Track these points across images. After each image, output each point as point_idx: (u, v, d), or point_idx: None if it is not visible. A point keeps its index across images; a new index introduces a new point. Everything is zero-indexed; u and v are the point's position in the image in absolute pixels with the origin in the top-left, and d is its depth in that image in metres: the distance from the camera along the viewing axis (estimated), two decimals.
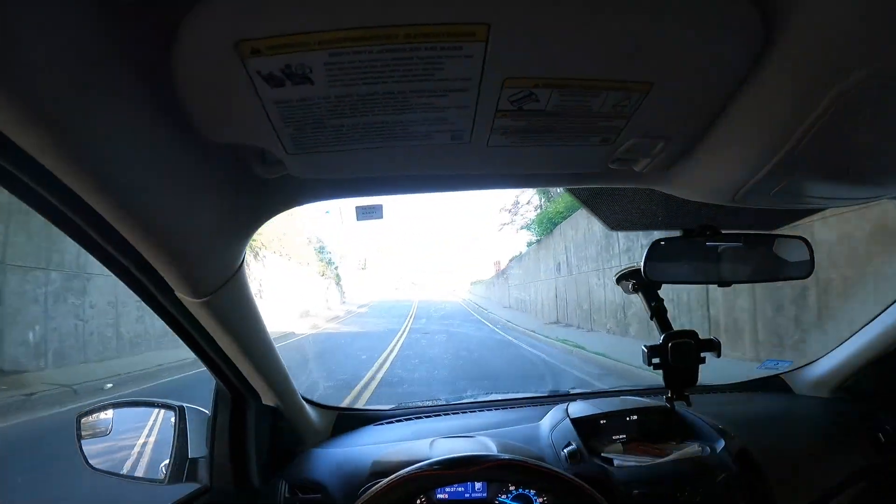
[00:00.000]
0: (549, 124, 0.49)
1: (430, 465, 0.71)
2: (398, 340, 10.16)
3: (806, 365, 1.41)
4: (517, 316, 16.08)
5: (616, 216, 0.87)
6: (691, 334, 0.92)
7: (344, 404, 1.35)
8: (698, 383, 0.96)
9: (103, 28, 0.35)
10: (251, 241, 0.72)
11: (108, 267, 0.59)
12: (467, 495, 0.91)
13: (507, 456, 0.73)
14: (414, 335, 11.33)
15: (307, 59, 0.37)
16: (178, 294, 0.65)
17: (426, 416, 1.26)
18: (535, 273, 15.87)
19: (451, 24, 0.36)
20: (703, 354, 0.92)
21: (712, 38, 0.40)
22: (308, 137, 0.48)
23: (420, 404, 1.36)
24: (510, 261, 23.04)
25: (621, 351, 6.50)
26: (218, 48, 0.36)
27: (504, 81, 0.42)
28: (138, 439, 1.06)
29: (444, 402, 1.37)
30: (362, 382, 5.95)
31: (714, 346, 0.91)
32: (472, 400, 1.38)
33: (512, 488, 0.91)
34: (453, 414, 1.28)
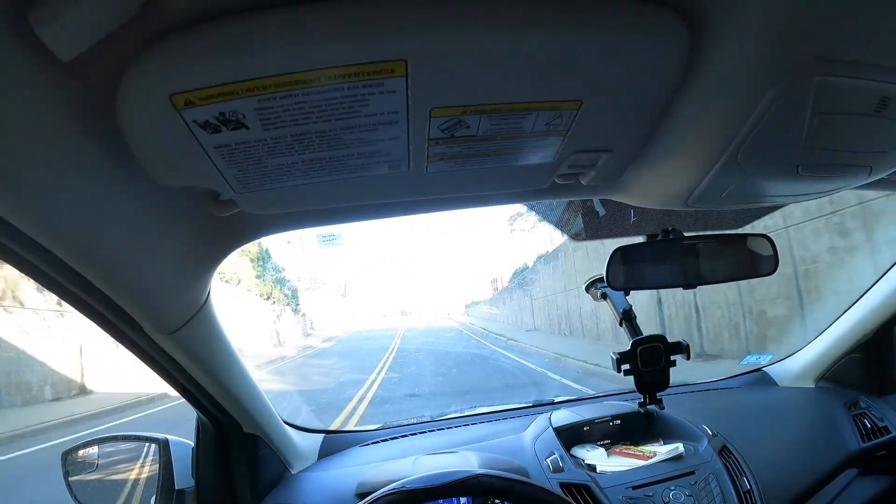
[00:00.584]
0: (485, 148, 0.50)
1: (404, 484, 0.71)
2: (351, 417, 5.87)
3: (787, 357, 1.42)
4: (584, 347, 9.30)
5: (578, 226, 0.88)
6: (660, 339, 0.93)
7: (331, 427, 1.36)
8: (683, 382, 0.97)
9: (48, 87, 0.36)
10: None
11: (74, 306, 0.60)
12: None
13: (481, 471, 0.73)
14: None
15: (238, 106, 0.39)
16: (147, 331, 0.66)
17: (412, 434, 1.26)
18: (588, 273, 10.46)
19: (369, 62, 0.37)
20: (672, 357, 0.93)
21: (637, 49, 0.40)
22: (252, 177, 0.49)
23: (405, 422, 1.36)
24: (534, 261, 18.02)
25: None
26: (155, 101, 0.37)
27: (431, 111, 0.43)
28: (125, 473, 1.07)
29: (430, 419, 1.37)
30: None
31: (683, 349, 0.93)
32: (457, 414, 1.39)
33: (496, 502, 0.92)
34: (438, 430, 1.28)
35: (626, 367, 0.92)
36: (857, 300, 1.28)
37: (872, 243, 4.10)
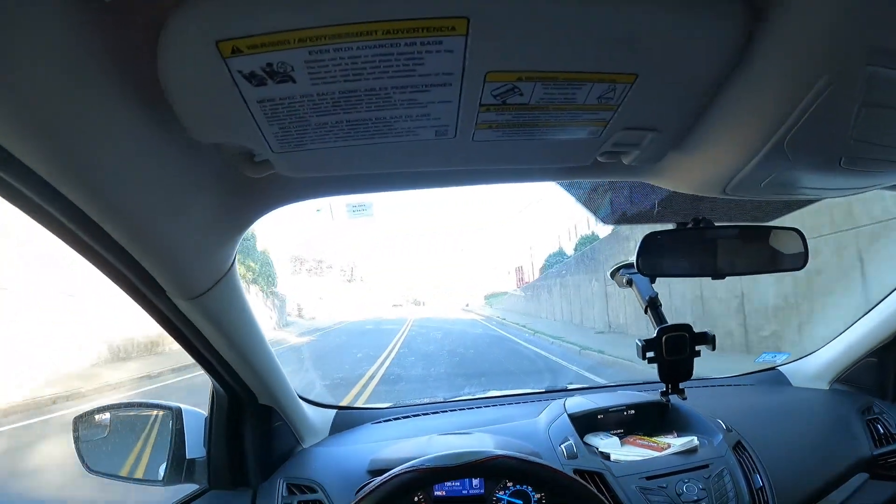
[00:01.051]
0: (535, 118, 0.49)
1: (423, 462, 0.71)
2: None
3: (803, 357, 1.41)
4: None
5: (608, 210, 0.87)
6: (686, 328, 0.92)
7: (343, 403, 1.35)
8: (696, 376, 0.96)
9: (87, 30, 0.35)
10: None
11: (98, 268, 0.59)
12: (465, 492, 0.91)
13: (500, 451, 0.72)
14: None
15: (287, 57, 0.37)
16: (170, 295, 0.65)
17: (424, 414, 1.26)
18: None
19: (430, 18, 0.35)
20: (697, 348, 0.92)
21: (697, 27, 0.39)
22: (293, 136, 0.47)
23: (418, 402, 1.36)
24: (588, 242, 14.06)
25: None
26: (200, 48, 0.36)
27: (486, 75, 0.42)
28: (136, 441, 1.07)
29: (442, 400, 1.37)
30: None
31: (709, 340, 0.91)
32: (469, 396, 1.39)
33: (510, 484, 0.91)
34: (451, 411, 1.28)
35: (650, 354, 0.92)
36: (877, 304, 1.26)
37: None
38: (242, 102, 0.42)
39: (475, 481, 0.91)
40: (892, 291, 1.23)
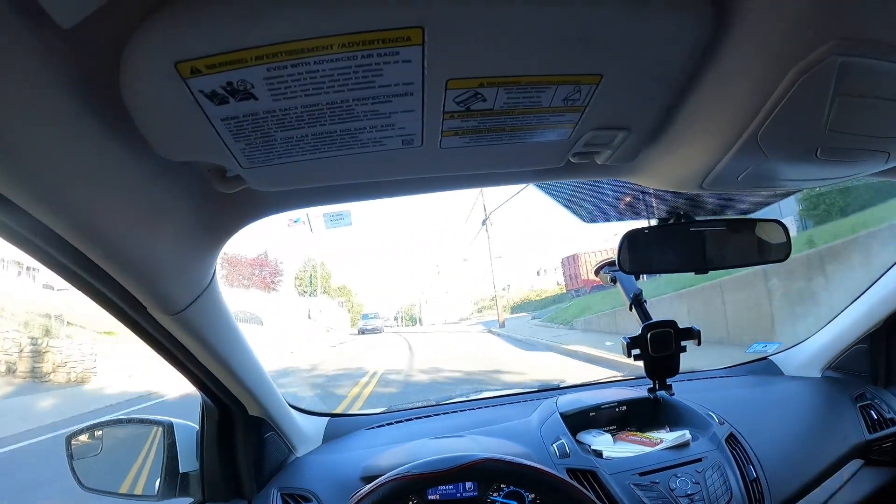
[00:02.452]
0: (501, 122, 0.49)
1: (410, 468, 0.71)
2: None
3: (794, 346, 1.41)
4: None
5: (590, 209, 0.87)
6: (671, 324, 0.92)
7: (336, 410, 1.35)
8: (689, 369, 0.96)
9: (49, 55, 0.35)
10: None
11: (77, 288, 0.59)
12: (458, 495, 0.92)
13: (486, 454, 0.73)
14: None
15: (246, 74, 0.38)
16: (151, 312, 0.65)
17: (417, 418, 1.26)
18: None
19: (384, 30, 0.35)
20: (683, 343, 0.93)
21: (660, 25, 0.39)
22: (260, 152, 0.48)
23: (411, 406, 1.36)
24: None
25: None
26: (159, 70, 0.36)
27: (447, 83, 0.42)
28: (129, 457, 1.07)
29: (435, 403, 1.37)
30: None
31: (694, 335, 0.92)
32: (462, 399, 1.39)
33: (503, 486, 0.91)
34: (444, 414, 1.28)
35: (636, 352, 0.92)
36: (866, 290, 1.27)
37: None
38: (206, 121, 0.42)
39: (468, 484, 0.91)
40: (880, 277, 1.23)
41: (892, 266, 1.20)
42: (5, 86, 0.33)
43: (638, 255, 0.83)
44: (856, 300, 1.28)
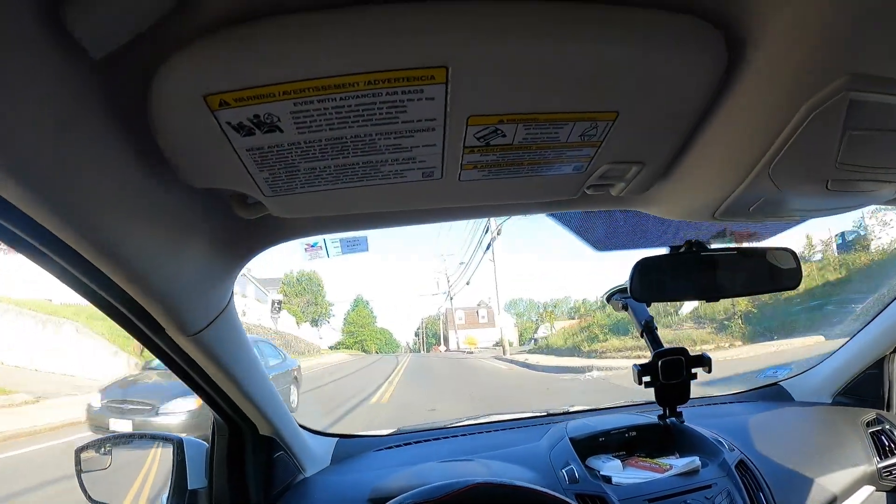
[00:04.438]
0: (519, 157, 0.50)
1: (408, 497, 0.71)
2: None
3: (805, 371, 1.40)
4: None
5: (600, 236, 0.88)
6: (681, 351, 0.92)
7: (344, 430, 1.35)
8: (699, 395, 0.96)
9: (79, 86, 0.36)
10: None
11: (99, 308, 0.60)
12: None
13: (480, 479, 0.72)
14: None
15: (273, 108, 0.39)
16: (169, 332, 0.66)
17: (426, 441, 1.26)
18: None
19: (410, 69, 0.37)
20: (693, 370, 0.92)
21: (674, 64, 0.40)
22: (283, 181, 0.49)
23: (420, 427, 1.36)
24: None
25: None
26: (188, 101, 0.37)
27: (468, 119, 0.43)
28: (139, 472, 1.07)
29: (444, 426, 1.36)
30: None
31: (705, 362, 0.92)
32: (471, 422, 1.38)
33: None
34: (453, 437, 1.27)
35: (646, 378, 0.92)
36: (876, 316, 1.26)
37: None
38: (232, 151, 0.43)
39: None
40: (891, 302, 1.23)
41: None
42: (39, 113, 0.35)
43: (649, 283, 0.84)
44: (866, 326, 1.28)
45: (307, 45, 0.35)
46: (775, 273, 0.90)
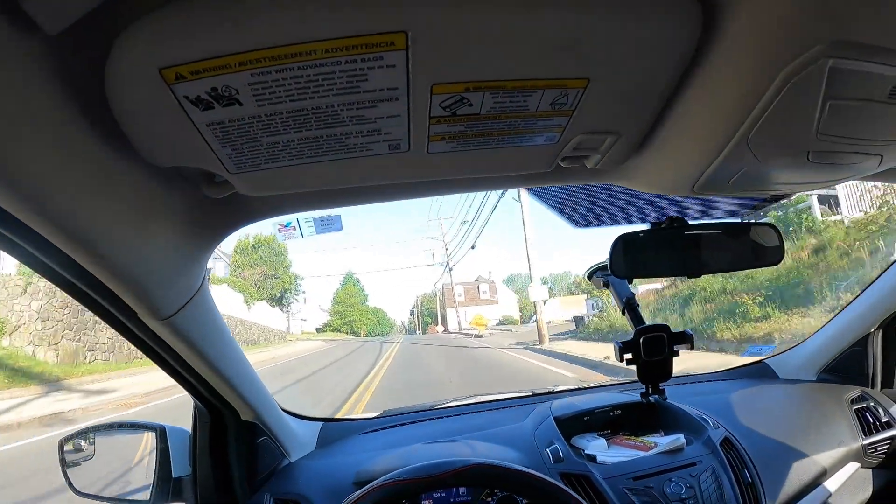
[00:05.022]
0: (488, 127, 0.49)
1: (398, 474, 0.71)
2: None
3: (789, 349, 1.41)
4: None
5: (581, 213, 0.87)
6: (663, 328, 0.92)
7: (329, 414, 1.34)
8: (685, 373, 0.96)
9: (35, 62, 0.35)
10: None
11: (66, 291, 0.59)
12: (451, 500, 0.91)
13: (475, 459, 0.72)
14: None
15: (230, 80, 0.38)
16: (141, 316, 0.65)
17: (411, 423, 1.26)
18: None
19: (367, 35, 0.35)
20: (676, 347, 0.92)
21: (648, 29, 0.39)
22: (247, 157, 0.47)
23: (405, 410, 1.36)
24: None
25: None
26: (144, 76, 0.36)
27: (432, 87, 0.42)
28: (122, 461, 1.06)
29: (429, 407, 1.37)
30: None
31: (687, 339, 0.92)
32: (456, 403, 1.38)
33: (496, 491, 0.91)
34: (438, 419, 1.27)
35: (628, 356, 0.92)
36: (861, 293, 1.27)
37: None
38: (192, 126, 0.42)
39: (461, 490, 0.91)
40: (875, 280, 1.23)
41: (887, 269, 1.20)
42: None
43: (631, 259, 0.83)
44: (850, 303, 1.28)
45: (261, 13, 0.34)
46: (758, 249, 0.90)
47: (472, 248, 25.10)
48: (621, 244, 0.81)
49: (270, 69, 0.37)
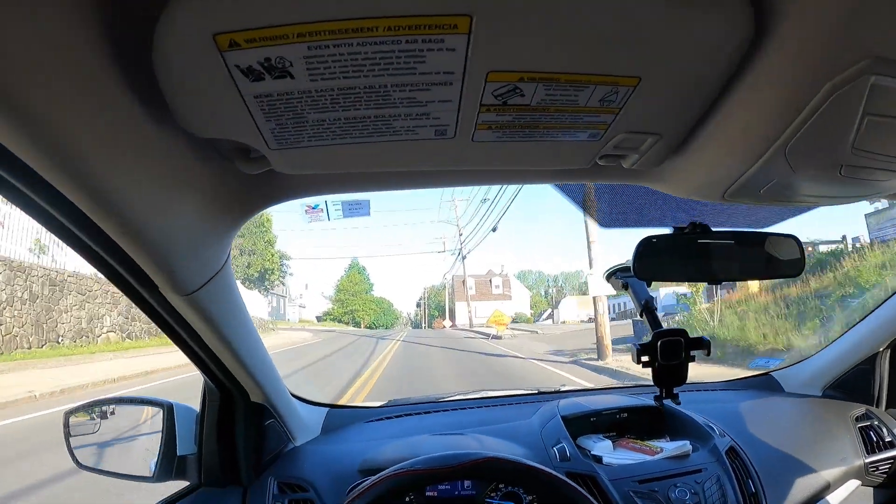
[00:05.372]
0: (535, 119, 0.49)
1: (414, 464, 0.71)
2: None
3: (797, 363, 1.42)
4: None
5: (607, 214, 0.87)
6: (681, 332, 0.92)
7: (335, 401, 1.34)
8: (692, 380, 0.96)
9: (81, 23, 0.34)
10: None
11: (88, 261, 0.58)
12: (456, 493, 0.91)
13: (490, 453, 0.72)
14: None
15: (286, 52, 0.37)
16: (163, 291, 0.65)
17: (416, 414, 1.26)
18: None
19: (432, 15, 0.35)
20: (692, 353, 0.93)
21: (701, 30, 0.39)
22: (290, 133, 0.47)
23: (411, 401, 1.36)
24: None
25: None
26: (196, 41, 0.35)
27: (488, 75, 0.41)
28: (128, 436, 1.06)
29: (435, 399, 1.37)
30: None
31: (704, 345, 0.92)
32: (463, 397, 1.38)
33: (500, 486, 0.91)
34: (444, 411, 1.28)
35: (645, 358, 0.92)
36: (871, 312, 1.27)
37: None
38: (239, 97, 0.41)
39: (466, 483, 0.91)
40: (886, 300, 1.23)
41: None
42: (34, 40, 0.32)
43: (651, 263, 0.83)
44: (860, 322, 1.28)
45: None
46: (779, 260, 0.90)
47: (493, 230, 21.13)
48: (646, 246, 0.81)
49: (329, 43, 0.36)
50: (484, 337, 19.23)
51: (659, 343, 0.91)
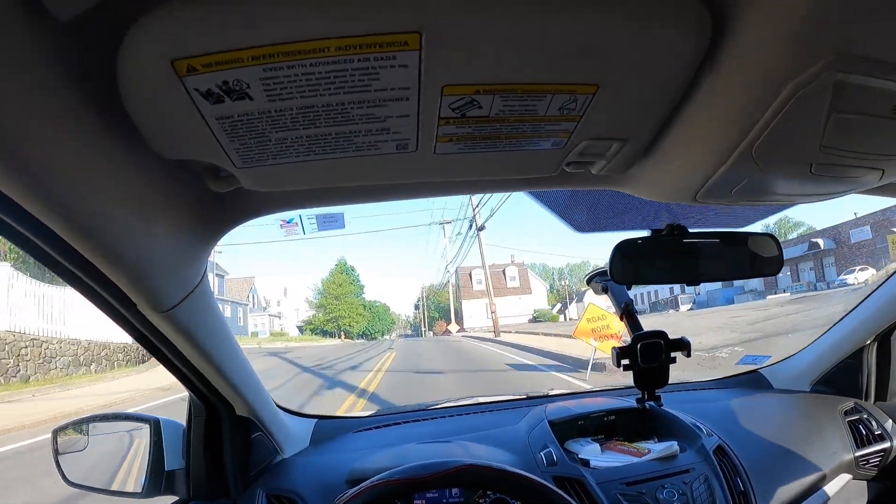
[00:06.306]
0: (496, 130, 0.49)
1: (394, 473, 0.71)
2: None
3: (785, 359, 1.42)
4: None
5: (582, 218, 0.87)
6: (661, 335, 0.92)
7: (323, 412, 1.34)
8: (679, 381, 0.96)
9: (46, 49, 0.35)
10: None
11: (67, 282, 0.59)
12: (444, 500, 0.91)
13: (469, 461, 0.72)
14: None
15: (242, 75, 0.38)
16: (141, 308, 0.65)
17: (405, 422, 1.26)
18: None
19: (382, 34, 0.36)
20: (673, 354, 0.93)
21: (656, 38, 0.39)
22: (254, 152, 0.48)
23: (400, 410, 1.36)
24: None
25: None
26: (155, 67, 0.36)
27: (443, 89, 0.42)
28: (116, 453, 1.06)
29: (424, 407, 1.37)
30: None
31: (684, 346, 0.92)
32: (451, 404, 1.38)
33: (489, 493, 0.91)
34: (432, 419, 1.28)
35: (625, 361, 0.92)
36: (857, 306, 1.27)
37: None
38: (202, 119, 0.42)
39: (454, 490, 0.91)
40: (871, 294, 1.24)
41: (883, 283, 1.20)
42: (2, 78, 0.33)
43: (630, 266, 0.83)
44: (846, 316, 1.29)
45: (277, 8, 0.34)
46: (757, 259, 0.90)
47: (480, 229, 18.83)
48: (621, 251, 0.81)
49: (283, 65, 0.37)
50: (544, 369, 8.38)
51: (638, 346, 0.92)
